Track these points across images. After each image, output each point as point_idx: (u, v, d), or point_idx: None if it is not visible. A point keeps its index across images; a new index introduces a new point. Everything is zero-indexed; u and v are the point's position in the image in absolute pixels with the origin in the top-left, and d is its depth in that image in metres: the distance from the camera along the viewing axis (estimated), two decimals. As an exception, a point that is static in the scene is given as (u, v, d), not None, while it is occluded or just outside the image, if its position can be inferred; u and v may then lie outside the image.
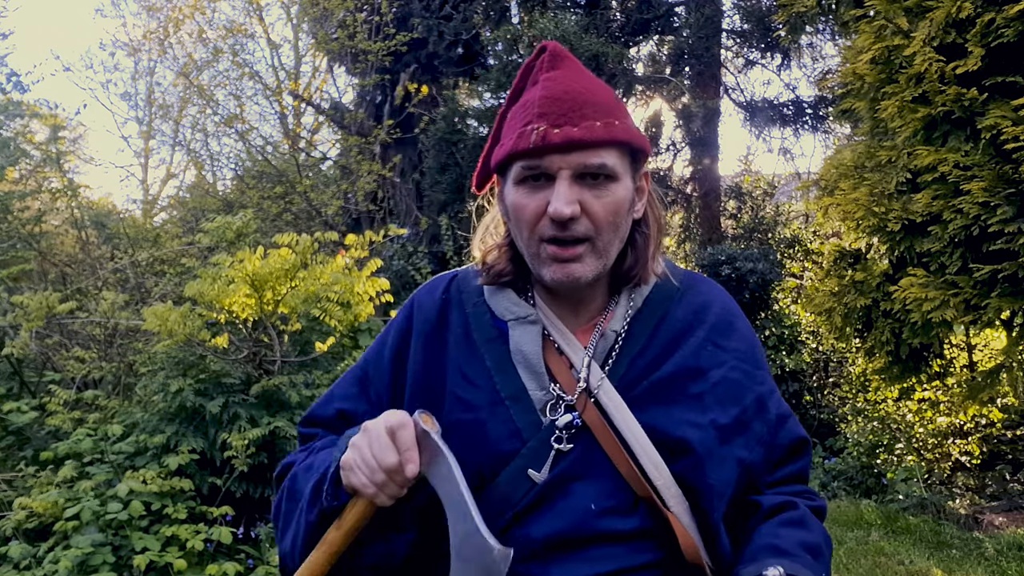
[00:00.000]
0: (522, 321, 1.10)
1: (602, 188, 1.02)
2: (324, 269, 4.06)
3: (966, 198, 3.88)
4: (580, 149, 1.00)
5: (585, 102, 1.03)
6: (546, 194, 1.01)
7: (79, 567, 2.97)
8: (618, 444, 1.02)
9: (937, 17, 3.95)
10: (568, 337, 1.10)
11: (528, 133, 1.01)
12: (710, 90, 10.61)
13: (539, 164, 1.01)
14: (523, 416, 1.04)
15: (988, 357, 6.86)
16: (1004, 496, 5.67)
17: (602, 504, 1.01)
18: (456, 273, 1.21)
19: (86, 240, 6.75)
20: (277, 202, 9.37)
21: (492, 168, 1.11)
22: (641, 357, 1.08)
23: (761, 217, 10.85)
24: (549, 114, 1.01)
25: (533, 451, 1.03)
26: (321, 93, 12.10)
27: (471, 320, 1.12)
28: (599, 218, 1.02)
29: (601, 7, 10.50)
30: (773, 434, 1.13)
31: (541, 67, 1.08)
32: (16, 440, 4.15)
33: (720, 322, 1.14)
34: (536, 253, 1.04)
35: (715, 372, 1.09)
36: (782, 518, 1.07)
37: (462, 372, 1.09)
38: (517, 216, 1.05)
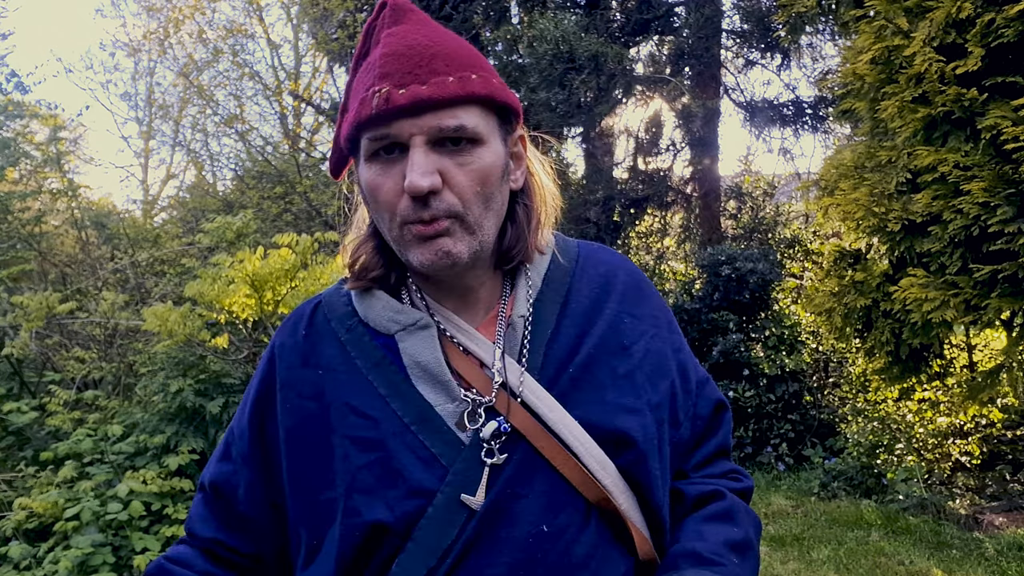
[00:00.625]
0: (411, 329, 0.93)
1: (465, 154, 0.86)
2: (324, 269, 4.06)
3: (966, 198, 3.88)
4: (432, 109, 0.84)
5: (434, 55, 0.87)
6: (402, 167, 0.85)
7: (79, 567, 2.97)
8: (559, 446, 0.88)
9: (937, 17, 3.95)
10: (471, 333, 0.94)
11: (370, 98, 0.85)
12: (710, 90, 10.62)
13: (387, 132, 0.85)
14: (435, 438, 0.88)
15: (988, 357, 6.86)
16: (1004, 496, 5.67)
17: (554, 521, 0.86)
18: (319, 299, 1.02)
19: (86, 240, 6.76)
20: (277, 202, 9.38)
21: (344, 148, 0.94)
22: (555, 343, 0.94)
23: (761, 217, 10.86)
24: (392, 73, 0.85)
25: (461, 475, 0.86)
26: (321, 93, 12.11)
27: (349, 347, 0.94)
28: (464, 189, 0.86)
29: (601, 7, 10.50)
30: (696, 404, 1.02)
31: (383, 24, 0.91)
32: (16, 440, 4.15)
33: (629, 290, 1.02)
34: (400, 236, 0.88)
35: (638, 345, 0.97)
36: (707, 512, 0.97)
37: (351, 409, 0.91)
38: (374, 198, 0.89)
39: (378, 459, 0.88)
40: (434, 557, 0.84)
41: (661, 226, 12.27)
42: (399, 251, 0.91)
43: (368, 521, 0.85)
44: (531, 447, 0.88)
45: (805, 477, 6.62)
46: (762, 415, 7.24)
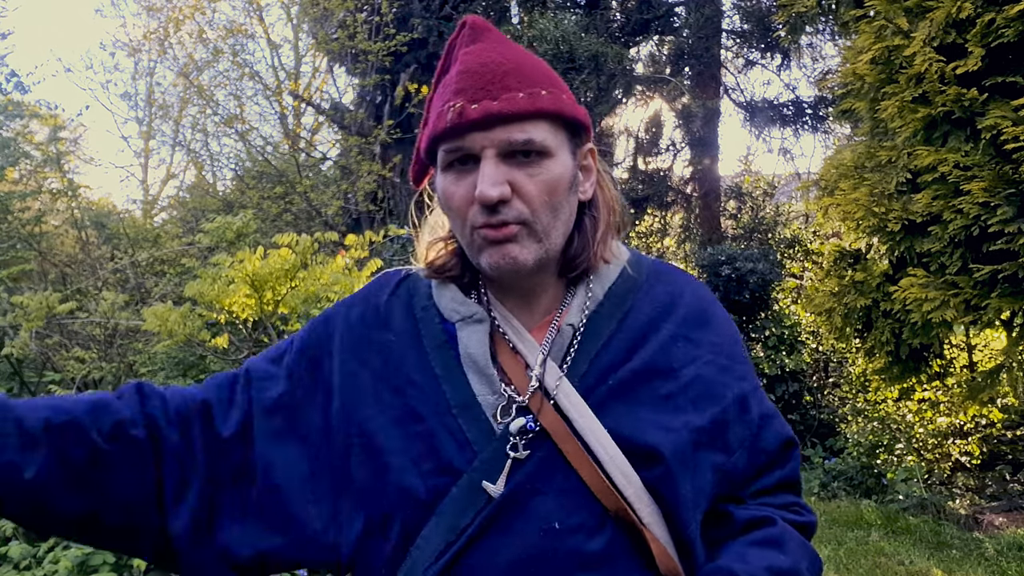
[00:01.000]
0: (468, 321, 0.99)
1: (534, 165, 0.91)
2: (324, 269, 4.06)
3: (966, 198, 3.88)
4: (502, 123, 0.89)
5: (506, 72, 0.92)
6: (474, 178, 0.90)
7: (79, 567, 2.97)
8: (582, 450, 0.90)
9: (937, 17, 3.95)
10: (522, 334, 0.99)
11: (445, 112, 0.91)
12: (710, 90, 10.62)
13: (460, 145, 0.91)
14: (473, 426, 0.93)
15: (988, 357, 6.87)
16: (1004, 496, 5.68)
17: (567, 521, 0.89)
18: (409, 272, 1.09)
19: (86, 240, 6.76)
20: (277, 202, 9.37)
21: (423, 157, 1.01)
22: (603, 355, 0.97)
23: (761, 217, 10.87)
24: (466, 89, 0.91)
25: (486, 463, 0.91)
26: (321, 93, 12.11)
27: (421, 325, 1.01)
28: (532, 198, 0.91)
29: (601, 7, 10.50)
30: (756, 436, 1.01)
31: (461, 43, 0.97)
32: (16, 440, 4.15)
33: (692, 313, 1.03)
34: (471, 241, 0.94)
35: (687, 370, 0.97)
36: (754, 536, 0.96)
37: (410, 381, 0.97)
38: (448, 205, 0.95)
39: (421, 432, 0.93)
40: (453, 533, 0.89)
41: (661, 226, 12.27)
42: (470, 254, 0.97)
43: (403, 487, 0.91)
44: (555, 447, 0.91)
45: (805, 477, 6.62)
46: (762, 415, 7.23)
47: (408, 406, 0.95)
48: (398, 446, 0.93)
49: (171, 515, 0.93)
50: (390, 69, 9.91)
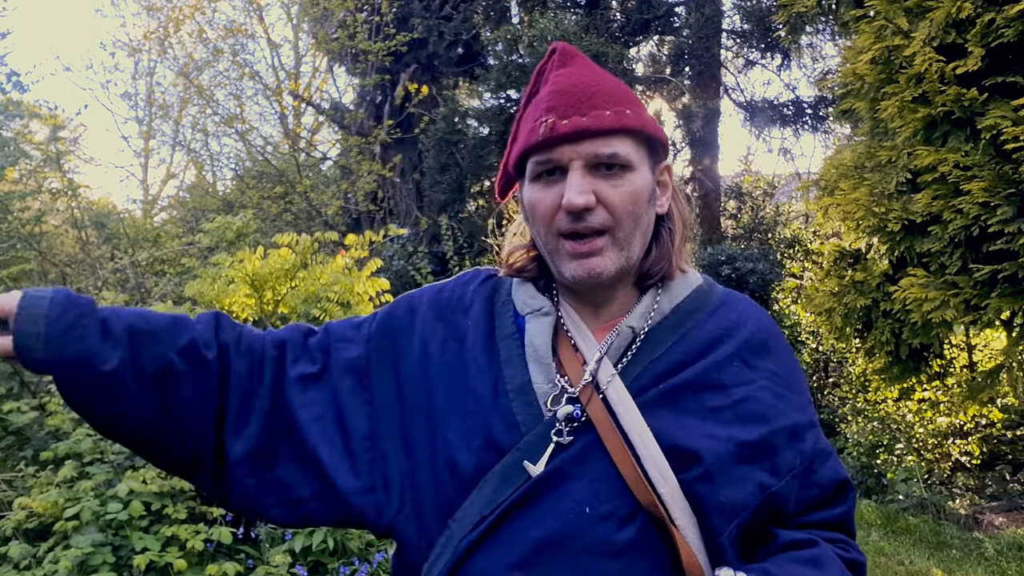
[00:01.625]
0: (537, 314, 1.06)
1: (617, 178, 0.98)
2: (324, 269, 4.06)
3: (966, 198, 3.88)
4: (590, 138, 0.97)
5: (594, 92, 1.01)
6: (561, 187, 0.98)
7: (79, 567, 2.97)
8: (622, 444, 0.94)
9: (937, 17, 3.95)
10: (584, 333, 1.05)
11: (537, 127, 0.99)
12: (710, 90, 10.62)
13: (550, 157, 0.99)
14: (524, 409, 0.99)
15: (988, 357, 6.87)
16: (1004, 496, 5.68)
17: (598, 507, 0.92)
18: (495, 272, 1.17)
19: (86, 240, 6.76)
20: (277, 202, 9.38)
21: (511, 171, 1.09)
22: (659, 361, 1.01)
23: (761, 217, 10.87)
24: (558, 107, 0.99)
25: (531, 444, 0.97)
26: (321, 93, 12.11)
27: (496, 316, 1.10)
28: (616, 207, 0.98)
29: (601, 7, 10.50)
30: (809, 468, 1.01)
31: (552, 66, 1.07)
32: (16, 440, 4.14)
33: (753, 340, 1.06)
34: (555, 249, 1.01)
35: (740, 389, 1.00)
36: (793, 555, 0.96)
37: (478, 365, 1.04)
38: (534, 212, 1.02)
39: (476, 410, 1.01)
40: (489, 507, 0.95)
41: (661, 226, 12.26)
42: (552, 261, 1.04)
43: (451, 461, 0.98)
44: (597, 438, 0.96)
45: (805, 477, 6.61)
46: (762, 415, 7.23)
47: (469, 386, 1.03)
48: (453, 423, 1.00)
49: (231, 439, 1.04)
50: (390, 69, 9.92)
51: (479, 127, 10.21)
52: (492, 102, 10.24)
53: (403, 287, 9.24)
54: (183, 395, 1.00)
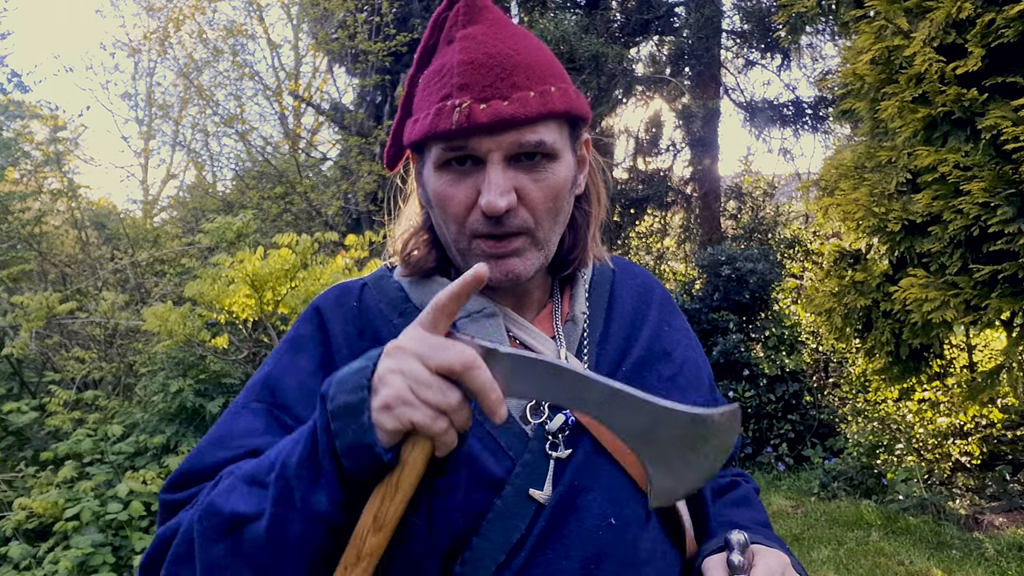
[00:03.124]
0: (476, 316, 0.91)
1: (540, 169, 0.85)
2: (324, 269, 4.06)
3: (966, 198, 3.88)
4: (513, 128, 0.83)
5: (515, 66, 0.84)
6: (475, 180, 0.84)
7: (79, 567, 2.97)
8: (619, 441, 0.86)
9: (937, 17, 3.95)
10: (528, 328, 0.93)
11: (448, 111, 0.83)
12: (710, 90, 10.63)
13: (464, 146, 0.83)
14: (502, 429, 0.85)
15: (988, 357, 6.87)
16: (1004, 496, 5.67)
17: (620, 514, 0.85)
18: (363, 281, 1.00)
19: (86, 240, 6.76)
20: (277, 202, 9.37)
21: (407, 145, 0.92)
22: (607, 343, 0.95)
23: (761, 217, 10.87)
24: (472, 85, 0.83)
25: (528, 467, 0.84)
26: (321, 93, 12.11)
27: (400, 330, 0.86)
28: (537, 206, 0.85)
29: (601, 7, 10.50)
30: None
31: (456, 21, 0.88)
32: (16, 440, 4.15)
33: (665, 302, 1.05)
34: (467, 248, 0.88)
35: (678, 353, 0.99)
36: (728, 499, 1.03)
37: None
38: (442, 207, 0.87)
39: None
40: (503, 553, 0.81)
41: (661, 226, 12.27)
42: (461, 260, 0.90)
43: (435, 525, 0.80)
44: (594, 441, 0.87)
45: (805, 477, 6.62)
46: (762, 415, 7.24)
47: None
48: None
49: None
50: (390, 69, 9.91)
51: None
52: (492, 102, 10.22)
53: (403, 287, 9.24)
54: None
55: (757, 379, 7.25)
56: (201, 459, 0.85)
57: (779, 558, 0.85)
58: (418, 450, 0.68)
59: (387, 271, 1.01)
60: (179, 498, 0.83)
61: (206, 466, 0.84)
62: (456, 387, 0.68)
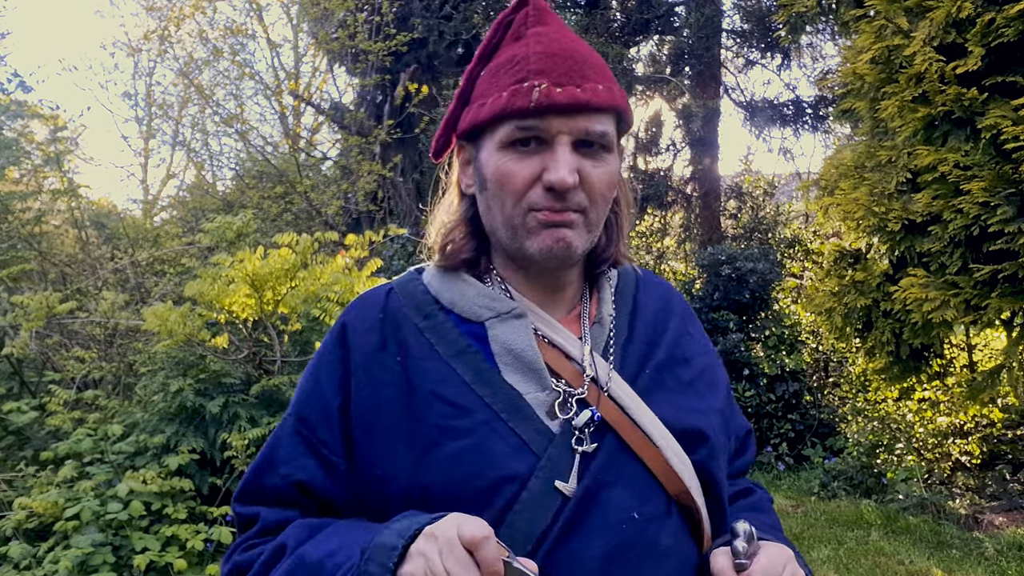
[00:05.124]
0: (505, 317, 0.94)
1: (599, 158, 0.91)
2: (324, 269, 4.06)
3: (966, 198, 3.88)
4: (585, 112, 0.88)
5: (584, 61, 0.91)
6: (540, 160, 0.89)
7: (79, 567, 2.97)
8: (644, 439, 0.90)
9: (937, 17, 3.95)
10: (556, 326, 0.96)
11: (526, 91, 0.88)
12: (710, 90, 10.62)
13: (537, 125, 0.88)
14: (527, 427, 0.88)
15: (988, 357, 6.86)
16: (1004, 496, 5.67)
17: (643, 510, 0.88)
18: (390, 286, 1.03)
19: (86, 240, 6.76)
20: (277, 202, 9.37)
21: (461, 133, 0.97)
22: (632, 345, 0.98)
23: (761, 217, 10.86)
24: (549, 71, 0.89)
25: (553, 461, 0.87)
26: (321, 93, 12.11)
27: (427, 333, 0.95)
28: (594, 190, 0.90)
29: (601, 7, 10.50)
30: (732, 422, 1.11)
31: (525, 20, 0.95)
32: (16, 440, 4.15)
33: (684, 311, 1.09)
34: (522, 223, 0.90)
35: (697, 360, 1.03)
36: (742, 504, 1.08)
37: (437, 396, 0.90)
38: (502, 183, 0.90)
39: (468, 447, 0.87)
40: (530, 542, 0.84)
41: (661, 226, 12.27)
42: (512, 238, 0.92)
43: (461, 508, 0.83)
44: (618, 438, 0.91)
45: (805, 477, 6.62)
46: (762, 415, 7.24)
47: (441, 426, 0.88)
48: (437, 476, 0.86)
49: None
50: (390, 69, 9.91)
51: (479, 127, 10.19)
52: (492, 102, 10.22)
53: (403, 287, 9.24)
54: None
55: (757, 379, 7.25)
56: (258, 479, 0.96)
57: (782, 550, 0.88)
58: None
59: (415, 274, 1.04)
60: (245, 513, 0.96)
61: (263, 487, 0.95)
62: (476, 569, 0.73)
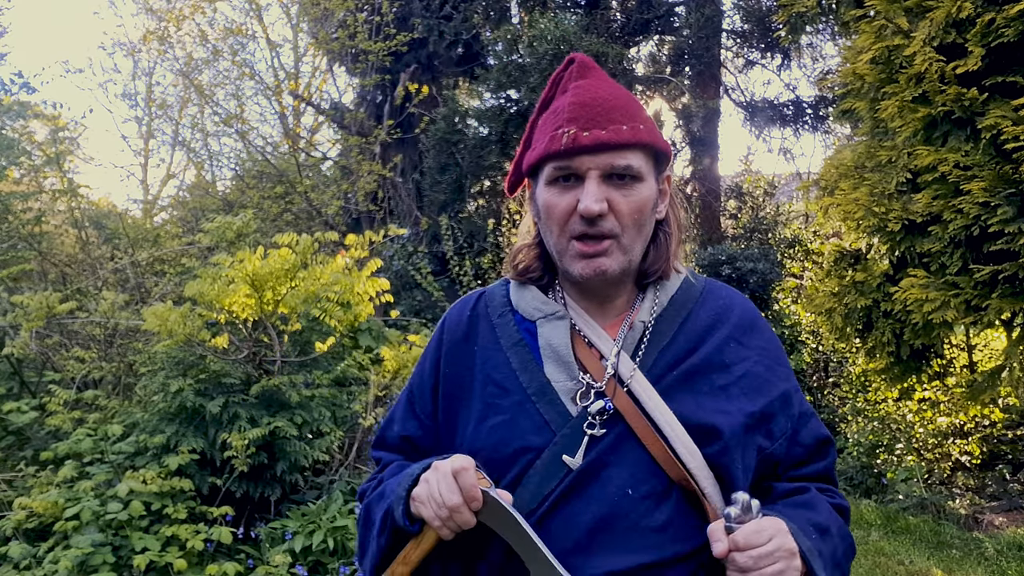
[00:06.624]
0: (550, 318, 1.16)
1: (628, 188, 1.08)
2: (324, 269, 4.06)
3: (966, 198, 3.88)
4: (608, 150, 1.07)
5: (612, 107, 1.09)
6: (576, 193, 1.08)
7: (79, 567, 2.97)
8: (650, 428, 1.05)
9: (937, 17, 3.95)
10: (597, 330, 1.14)
11: (559, 136, 1.08)
12: (710, 90, 10.62)
13: (569, 165, 1.08)
14: (550, 409, 1.09)
15: (988, 358, 6.86)
16: (1004, 496, 5.67)
17: (638, 488, 1.03)
18: (484, 291, 1.28)
19: (86, 240, 6.75)
20: (277, 202, 9.37)
21: (524, 172, 1.19)
22: (668, 350, 1.12)
23: (761, 217, 10.86)
24: (579, 118, 1.08)
25: (566, 439, 1.06)
26: (321, 93, 12.10)
27: (497, 328, 1.19)
28: (624, 216, 1.08)
29: (601, 7, 10.50)
30: (796, 431, 1.15)
31: (570, 77, 1.16)
32: (16, 440, 4.14)
33: (742, 322, 1.19)
34: (565, 249, 1.11)
35: (739, 366, 1.13)
36: (790, 500, 1.12)
37: (490, 378, 1.14)
38: (548, 214, 1.11)
39: (503, 421, 1.10)
40: (536, 501, 1.05)
41: (661, 226, 12.24)
42: (560, 260, 1.13)
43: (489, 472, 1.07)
44: (627, 426, 1.06)
45: (805, 477, 6.60)
46: (762, 415, 7.22)
47: (489, 403, 1.12)
48: (482, 443, 1.10)
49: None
50: (390, 69, 9.91)
51: (479, 127, 10.20)
52: (492, 102, 10.23)
53: (403, 287, 9.23)
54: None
55: (757, 379, 7.23)
56: (383, 432, 1.29)
57: (775, 521, 0.99)
58: (431, 531, 1.07)
59: (504, 283, 1.27)
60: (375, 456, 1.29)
61: (384, 438, 1.28)
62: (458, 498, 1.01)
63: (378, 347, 4.78)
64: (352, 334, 4.85)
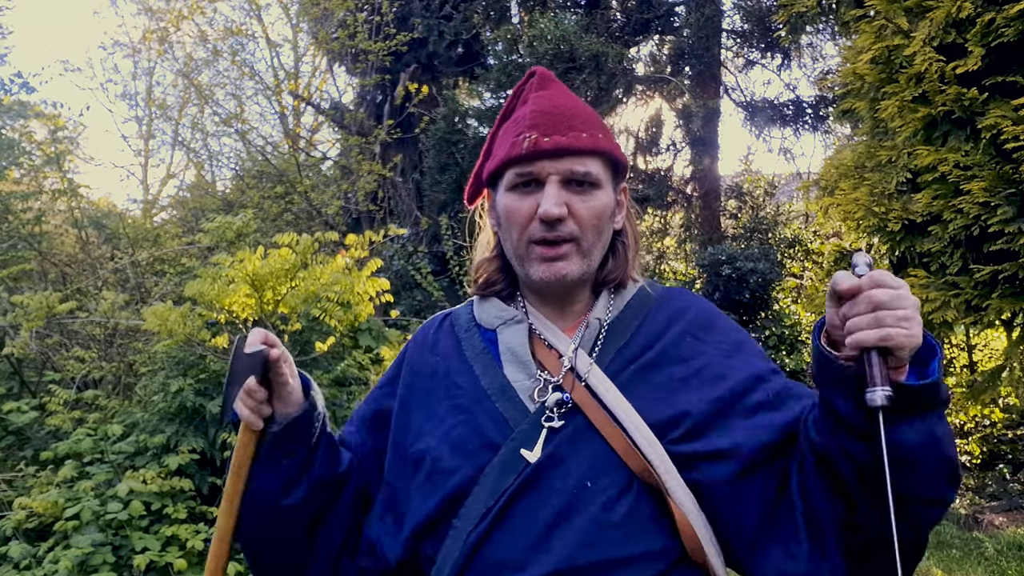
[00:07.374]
0: (509, 323, 1.18)
1: (587, 194, 1.10)
2: (324, 269, 4.05)
3: (966, 198, 3.88)
4: (568, 155, 1.09)
5: (573, 115, 1.13)
6: (536, 198, 1.10)
7: (79, 567, 2.97)
8: (609, 419, 1.05)
9: (937, 17, 3.95)
10: (555, 332, 1.16)
11: (520, 142, 1.11)
12: (710, 90, 10.62)
13: (530, 170, 1.10)
14: (509, 407, 1.09)
15: (988, 357, 6.86)
16: (1004, 496, 5.67)
17: (597, 480, 1.02)
18: (450, 312, 1.31)
19: (86, 240, 6.75)
20: (277, 202, 9.37)
21: (484, 180, 1.21)
22: (626, 348, 1.14)
23: (761, 217, 10.86)
24: (540, 124, 1.11)
25: (523, 434, 1.06)
26: (321, 93, 12.10)
27: (463, 342, 1.21)
28: (583, 220, 1.10)
29: (601, 7, 10.50)
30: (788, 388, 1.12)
31: (531, 88, 1.19)
32: (16, 440, 4.14)
33: (698, 320, 1.19)
34: (525, 254, 1.12)
35: (696, 360, 1.13)
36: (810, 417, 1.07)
37: (453, 383, 1.16)
38: (508, 219, 1.13)
39: (463, 420, 1.11)
40: (493, 498, 1.03)
41: (661, 226, 12.27)
42: (521, 265, 1.15)
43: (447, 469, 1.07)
44: (585, 418, 1.06)
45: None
46: (762, 415, 7.23)
47: (452, 405, 1.14)
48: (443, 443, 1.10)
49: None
50: (390, 69, 9.90)
51: (479, 127, 10.20)
52: (492, 102, 10.23)
53: (403, 287, 9.23)
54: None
55: (757, 379, 7.24)
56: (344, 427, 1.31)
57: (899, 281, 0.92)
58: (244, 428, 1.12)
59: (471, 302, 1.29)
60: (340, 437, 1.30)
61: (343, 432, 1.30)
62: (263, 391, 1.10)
63: (378, 347, 4.78)
64: (352, 334, 4.85)
